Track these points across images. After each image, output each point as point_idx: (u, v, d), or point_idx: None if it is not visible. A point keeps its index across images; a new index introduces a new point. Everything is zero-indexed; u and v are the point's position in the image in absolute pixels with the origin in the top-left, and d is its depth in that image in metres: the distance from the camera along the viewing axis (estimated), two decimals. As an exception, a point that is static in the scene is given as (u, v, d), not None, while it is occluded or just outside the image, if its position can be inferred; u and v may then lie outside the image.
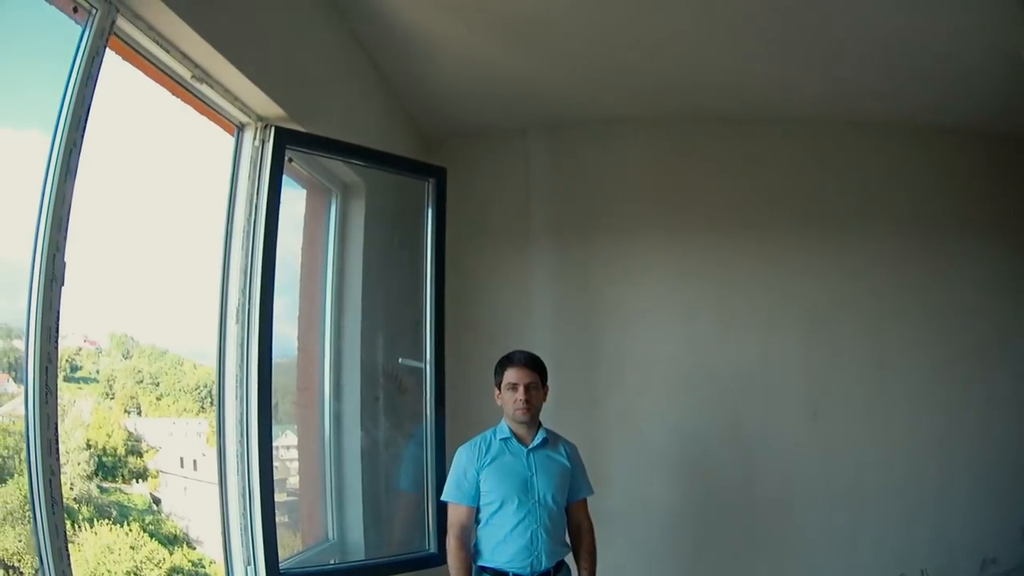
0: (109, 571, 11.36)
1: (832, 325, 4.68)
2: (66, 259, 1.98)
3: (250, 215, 3.02)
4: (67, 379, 13.99)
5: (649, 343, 4.70)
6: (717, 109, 4.64)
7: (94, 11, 2.08)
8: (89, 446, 13.14)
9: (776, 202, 4.75)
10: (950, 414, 4.62)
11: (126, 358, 15.21)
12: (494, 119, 4.79)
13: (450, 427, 3.68)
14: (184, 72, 2.62)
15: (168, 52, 2.48)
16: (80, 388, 14.23)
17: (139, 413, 14.64)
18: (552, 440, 3.19)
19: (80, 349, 14.48)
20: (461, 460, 3.13)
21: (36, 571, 1.84)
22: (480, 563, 3.07)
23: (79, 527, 11.80)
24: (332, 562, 3.48)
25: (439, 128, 4.84)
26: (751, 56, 4.00)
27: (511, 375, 3.13)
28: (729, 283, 4.73)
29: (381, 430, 3.87)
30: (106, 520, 12.13)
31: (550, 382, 3.20)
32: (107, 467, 13.40)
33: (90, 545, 11.61)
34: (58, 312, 1.94)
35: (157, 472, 13.68)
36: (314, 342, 3.69)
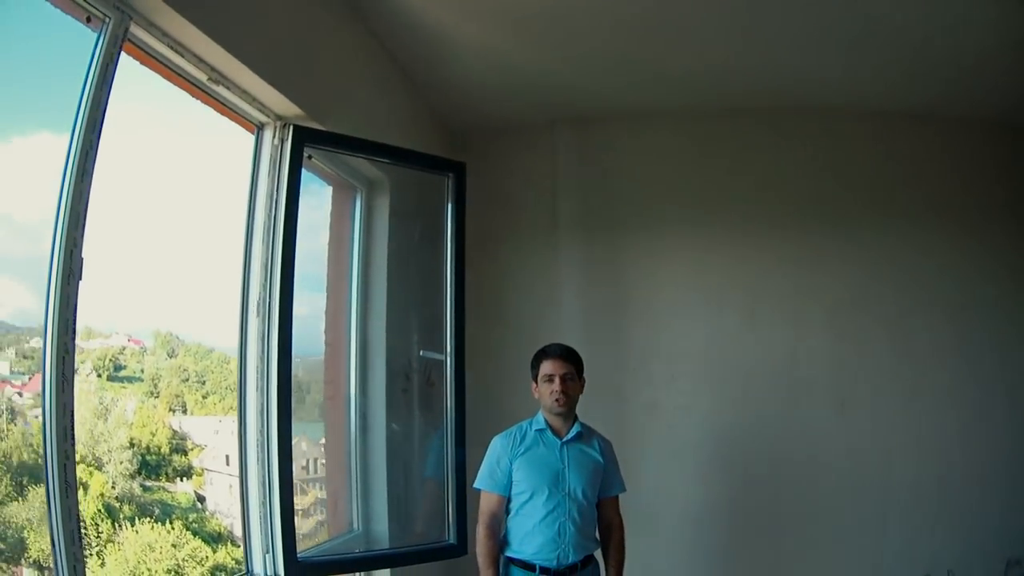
0: (149, 569, 11.56)
1: (858, 318, 4.69)
2: (83, 255, 2.12)
3: (270, 211, 3.14)
4: (110, 378, 14.26)
5: (676, 336, 4.76)
6: (741, 101, 4.64)
7: (107, 20, 2.21)
8: (132, 445, 13.33)
9: (801, 194, 4.76)
10: (977, 409, 4.57)
11: (171, 357, 15.45)
12: (520, 114, 4.86)
13: (481, 419, 3.79)
14: (200, 75, 2.75)
15: (183, 56, 2.60)
16: (124, 387, 14.43)
17: (184, 411, 14.85)
18: (587, 434, 3.25)
19: (124, 348, 14.79)
20: (496, 449, 3.22)
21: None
22: (507, 554, 3.15)
23: (120, 526, 12.01)
24: (357, 551, 3.61)
25: (465, 124, 4.95)
26: (774, 47, 4.01)
27: (547, 367, 3.21)
28: (755, 276, 4.77)
29: (407, 422, 4.00)
30: (148, 519, 12.29)
31: (579, 375, 3.27)
32: (151, 466, 13.55)
33: (131, 543, 11.79)
34: (75, 306, 2.08)
35: (202, 470, 13.85)
36: (341, 336, 3.82)
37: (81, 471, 11.30)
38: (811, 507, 4.56)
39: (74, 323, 2.08)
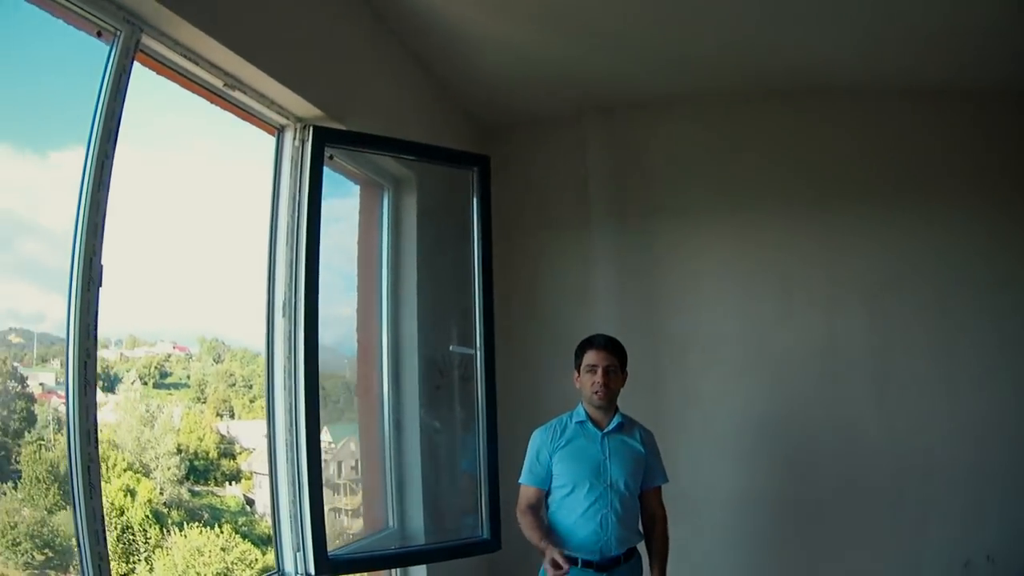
0: (199, 573, 11.75)
1: (895, 301, 4.61)
2: (103, 263, 2.21)
3: (293, 213, 3.21)
4: (156, 385, 14.46)
5: (712, 324, 4.75)
6: (772, 83, 4.58)
7: (118, 33, 2.29)
8: (179, 451, 13.41)
9: (836, 175, 4.68)
10: (1017, 392, 4.42)
11: (217, 362, 15.58)
12: (549, 106, 4.88)
13: (515, 414, 3.86)
14: (216, 81, 2.83)
15: (197, 64, 2.68)
16: (170, 394, 14.59)
17: (232, 416, 14.99)
18: (628, 425, 3.25)
19: (169, 355, 14.98)
20: (535, 442, 3.23)
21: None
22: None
23: (168, 531, 12.22)
24: (391, 548, 3.67)
25: (495, 119, 5.00)
26: (800, 26, 3.95)
27: (591, 357, 3.21)
28: (790, 261, 4.73)
29: (443, 418, 4.05)
30: (196, 523, 12.47)
31: (618, 365, 3.25)
32: (199, 471, 13.71)
33: (179, 548, 11.99)
34: (96, 312, 2.17)
35: (251, 473, 13.94)
36: (372, 335, 3.89)
37: (128, 478, 11.64)
38: (850, 493, 4.53)
39: (95, 328, 2.16)
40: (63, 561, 7.86)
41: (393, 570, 3.83)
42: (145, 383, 14.27)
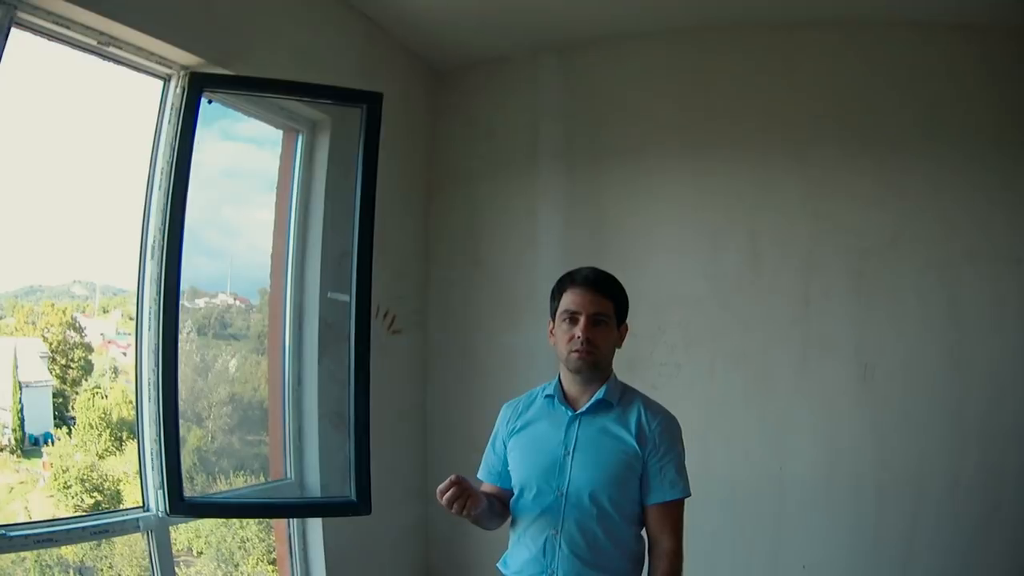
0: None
1: (889, 264, 4.44)
2: None
3: (170, 157, 3.69)
4: (216, 336, 15.76)
5: (665, 281, 4.76)
6: (748, 14, 4.58)
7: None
8: (232, 400, 14.53)
9: (821, 115, 4.60)
10: None
11: None
12: (503, 46, 5.11)
13: (451, 369, 4.28)
14: (91, 41, 3.35)
15: (69, 28, 3.23)
16: (228, 344, 15.81)
17: None
18: (621, 404, 2.57)
19: (230, 306, 16.21)
20: (497, 421, 2.76)
21: None
22: (502, 568, 2.66)
23: (215, 479, 13.20)
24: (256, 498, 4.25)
25: (447, 61, 5.28)
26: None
27: (570, 300, 2.53)
28: (762, 210, 4.64)
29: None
30: (243, 471, 13.46)
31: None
32: (252, 420, 14.78)
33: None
34: None
35: None
36: (279, 281, 4.44)
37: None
38: (819, 501, 4.45)
39: None
40: (111, 504, 8.89)
41: (292, 523, 4.39)
42: (204, 334, 15.51)
